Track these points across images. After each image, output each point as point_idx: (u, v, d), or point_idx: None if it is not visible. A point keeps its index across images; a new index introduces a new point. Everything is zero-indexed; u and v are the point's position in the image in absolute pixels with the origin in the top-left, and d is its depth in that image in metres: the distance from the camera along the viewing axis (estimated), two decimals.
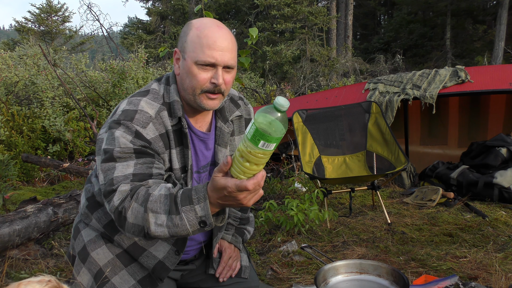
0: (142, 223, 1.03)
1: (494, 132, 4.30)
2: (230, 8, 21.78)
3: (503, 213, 3.08)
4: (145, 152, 1.13)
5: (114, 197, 1.06)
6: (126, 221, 1.05)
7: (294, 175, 3.71)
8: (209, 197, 0.99)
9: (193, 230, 1.01)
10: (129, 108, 1.16)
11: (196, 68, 1.15)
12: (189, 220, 1.00)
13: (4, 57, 7.55)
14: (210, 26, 1.16)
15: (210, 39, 1.13)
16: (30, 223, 2.30)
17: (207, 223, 1.00)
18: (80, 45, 19.99)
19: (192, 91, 1.18)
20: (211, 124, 1.33)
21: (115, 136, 1.11)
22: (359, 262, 1.32)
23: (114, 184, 1.08)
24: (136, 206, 1.04)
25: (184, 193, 1.02)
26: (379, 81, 4.48)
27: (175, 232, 1.02)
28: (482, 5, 19.30)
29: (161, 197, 1.03)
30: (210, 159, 1.33)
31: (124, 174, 1.09)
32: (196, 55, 1.14)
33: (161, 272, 1.27)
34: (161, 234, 1.03)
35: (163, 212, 1.02)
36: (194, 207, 0.99)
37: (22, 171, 4.79)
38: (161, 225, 1.02)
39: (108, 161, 1.11)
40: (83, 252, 1.25)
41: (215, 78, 1.16)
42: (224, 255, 1.45)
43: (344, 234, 2.81)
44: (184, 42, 1.17)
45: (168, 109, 1.21)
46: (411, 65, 17.88)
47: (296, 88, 11.34)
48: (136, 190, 1.06)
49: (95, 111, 5.73)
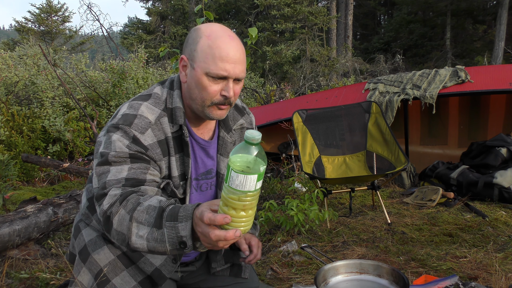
0: (125, 231, 0.99)
1: (494, 132, 4.30)
2: (230, 8, 21.79)
3: (503, 213, 3.08)
4: (141, 158, 1.11)
5: (104, 201, 1.04)
6: (112, 227, 1.01)
7: (294, 175, 3.71)
8: (193, 217, 0.93)
9: (171, 248, 0.96)
10: (129, 112, 1.15)
11: (207, 80, 1.12)
12: (169, 237, 0.94)
13: (4, 57, 7.55)
14: (222, 36, 1.12)
15: (223, 51, 1.10)
16: (30, 223, 2.30)
17: (187, 244, 0.94)
18: (80, 45, 19.99)
19: (202, 102, 1.15)
20: (214, 132, 1.31)
21: (112, 140, 1.10)
22: (359, 262, 1.32)
23: (106, 188, 1.06)
24: (123, 213, 1.00)
25: (173, 209, 0.97)
26: (379, 81, 4.48)
27: (153, 247, 0.97)
28: (482, 5, 19.30)
29: (149, 208, 0.98)
30: (212, 168, 1.31)
31: (117, 178, 1.07)
32: (207, 66, 1.11)
33: (158, 279, 1.26)
34: (140, 246, 0.98)
35: (147, 224, 0.97)
36: (177, 225, 0.94)
37: (22, 171, 4.79)
38: (142, 237, 0.97)
39: (103, 165, 1.09)
40: (83, 252, 1.25)
41: (226, 91, 1.13)
42: (254, 246, 1.36)
43: (344, 234, 2.81)
44: (193, 50, 1.13)
45: (169, 115, 1.19)
46: (411, 65, 17.88)
47: (296, 88, 11.34)
48: (126, 196, 1.03)
49: (95, 111, 5.73)
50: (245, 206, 0.85)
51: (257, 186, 0.84)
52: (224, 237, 0.87)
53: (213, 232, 0.87)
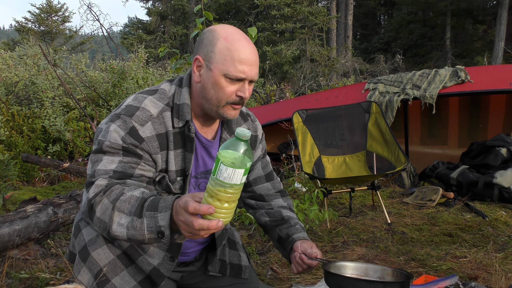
0: (107, 220, 1.04)
1: (494, 132, 4.30)
2: (230, 8, 21.79)
3: (503, 213, 3.08)
4: (133, 152, 1.14)
5: (90, 190, 1.09)
6: (95, 215, 1.06)
7: (294, 175, 3.71)
8: (172, 208, 0.98)
9: (149, 237, 1.00)
10: (133, 104, 1.19)
11: (224, 81, 1.15)
12: (148, 226, 0.99)
13: (4, 57, 7.56)
14: (239, 39, 1.15)
15: (242, 53, 1.14)
16: (30, 223, 2.30)
17: (164, 234, 0.98)
18: (80, 45, 20.00)
19: (217, 102, 1.18)
20: (217, 132, 1.33)
21: (109, 130, 1.14)
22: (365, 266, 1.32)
23: (95, 177, 1.10)
24: (106, 202, 1.05)
25: (154, 200, 1.01)
26: (379, 81, 4.48)
27: (132, 235, 1.01)
28: (482, 5, 19.31)
29: (131, 198, 1.03)
30: (212, 168, 1.32)
31: (106, 169, 1.11)
32: (226, 68, 1.14)
33: (157, 278, 1.27)
34: (119, 234, 1.03)
35: (128, 213, 1.02)
36: (157, 215, 0.98)
37: (22, 171, 4.79)
38: (122, 225, 1.02)
39: (97, 153, 1.14)
40: (83, 252, 1.25)
41: (241, 92, 1.17)
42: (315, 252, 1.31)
43: (344, 234, 2.81)
44: (210, 51, 1.15)
45: (176, 110, 1.22)
46: (411, 65, 17.89)
47: (296, 88, 11.35)
48: (111, 186, 1.08)
49: (95, 111, 5.73)
50: (230, 198, 0.91)
51: (242, 180, 0.90)
52: (207, 226, 0.91)
53: (196, 221, 0.91)
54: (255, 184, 1.47)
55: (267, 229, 1.46)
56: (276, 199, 1.49)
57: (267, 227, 1.45)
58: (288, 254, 1.37)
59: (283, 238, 1.38)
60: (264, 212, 1.46)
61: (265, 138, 1.54)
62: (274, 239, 1.43)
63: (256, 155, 1.46)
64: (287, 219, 1.42)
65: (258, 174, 1.48)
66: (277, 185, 1.51)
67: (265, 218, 1.45)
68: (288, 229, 1.39)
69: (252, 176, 1.47)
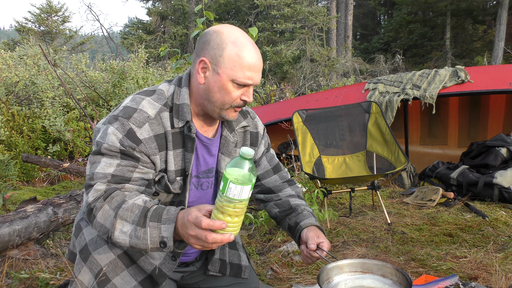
0: (109, 226, 1.07)
1: (494, 132, 4.30)
2: (230, 8, 21.80)
3: (503, 213, 3.08)
4: (130, 155, 1.15)
5: (89, 193, 1.11)
6: (95, 219, 1.09)
7: (294, 175, 3.71)
8: (177, 221, 1.03)
9: (152, 247, 1.04)
10: (130, 105, 1.19)
11: (231, 86, 1.17)
12: (151, 236, 1.03)
13: (4, 57, 7.55)
14: (247, 45, 1.17)
15: (251, 60, 1.16)
16: (30, 223, 2.30)
17: (167, 245, 1.03)
18: (80, 45, 20.00)
19: (221, 105, 1.20)
20: (217, 131, 1.33)
21: (107, 132, 1.15)
22: (362, 261, 1.31)
23: (93, 179, 1.12)
24: (108, 209, 1.08)
25: (157, 210, 1.06)
26: (379, 81, 4.48)
27: (135, 244, 1.06)
28: (482, 5, 19.29)
29: (134, 207, 1.07)
30: (213, 166, 1.33)
31: (104, 172, 1.12)
32: (235, 73, 1.15)
33: (159, 277, 1.27)
34: (121, 242, 1.07)
35: (131, 222, 1.05)
36: (160, 226, 1.03)
37: (22, 171, 4.79)
38: (125, 233, 1.05)
39: (96, 154, 1.15)
40: (84, 251, 1.25)
41: (246, 96, 1.20)
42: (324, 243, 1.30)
43: (344, 234, 2.81)
44: (219, 56, 1.16)
45: (176, 110, 1.22)
46: (411, 65, 17.89)
47: (296, 88, 11.34)
48: (111, 192, 1.10)
49: (95, 111, 5.73)
50: (238, 213, 0.99)
51: (249, 195, 0.98)
52: (221, 240, 0.98)
53: (210, 235, 0.97)
54: (264, 178, 1.49)
55: (278, 220, 1.47)
56: (284, 189, 1.49)
57: (278, 218, 1.46)
58: (298, 243, 1.38)
59: (292, 227, 1.39)
60: (274, 204, 1.47)
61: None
62: (285, 229, 1.44)
63: (260, 151, 1.47)
64: (295, 207, 1.42)
65: (266, 168, 1.49)
66: (284, 174, 1.53)
67: (275, 209, 1.46)
68: (296, 217, 1.40)
69: (260, 171, 1.48)
